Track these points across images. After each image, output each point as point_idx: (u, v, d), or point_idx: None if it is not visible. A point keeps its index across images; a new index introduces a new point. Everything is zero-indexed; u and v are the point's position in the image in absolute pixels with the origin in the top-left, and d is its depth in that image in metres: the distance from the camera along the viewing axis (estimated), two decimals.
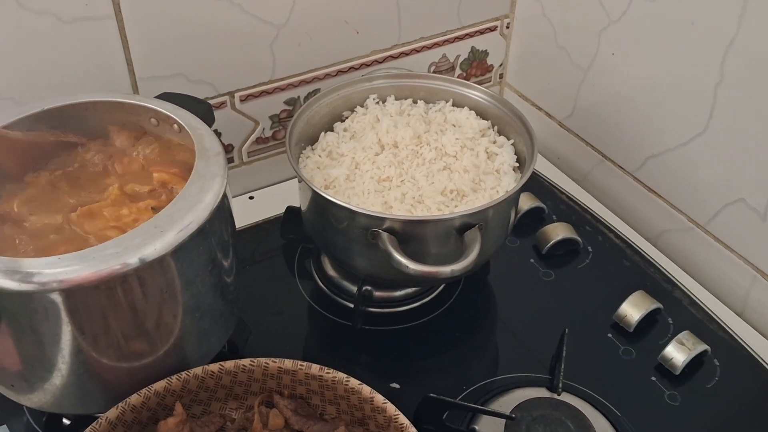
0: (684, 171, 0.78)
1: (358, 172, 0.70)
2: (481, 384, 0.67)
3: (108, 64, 0.71)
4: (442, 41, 0.89)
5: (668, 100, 0.77)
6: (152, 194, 0.59)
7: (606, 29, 0.81)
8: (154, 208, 0.57)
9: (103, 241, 0.52)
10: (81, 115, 0.61)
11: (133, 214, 0.56)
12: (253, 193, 0.87)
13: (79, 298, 0.49)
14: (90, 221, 0.56)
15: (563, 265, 0.78)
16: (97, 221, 0.56)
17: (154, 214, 0.55)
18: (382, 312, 0.73)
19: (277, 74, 0.81)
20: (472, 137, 0.73)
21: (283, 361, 0.56)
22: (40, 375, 0.53)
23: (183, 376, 0.55)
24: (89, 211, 0.56)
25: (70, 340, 0.51)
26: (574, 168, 0.92)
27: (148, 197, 0.58)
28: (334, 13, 0.80)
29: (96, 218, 0.56)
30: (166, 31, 0.72)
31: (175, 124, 0.60)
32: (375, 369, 0.70)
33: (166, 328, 0.55)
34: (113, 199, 0.57)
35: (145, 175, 0.60)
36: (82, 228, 0.55)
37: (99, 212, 0.56)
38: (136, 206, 0.57)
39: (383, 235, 0.62)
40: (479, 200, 0.67)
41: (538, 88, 0.95)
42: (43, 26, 0.66)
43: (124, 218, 0.56)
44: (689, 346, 0.67)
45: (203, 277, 0.55)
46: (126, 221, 0.56)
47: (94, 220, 0.56)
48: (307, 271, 0.78)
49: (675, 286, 0.76)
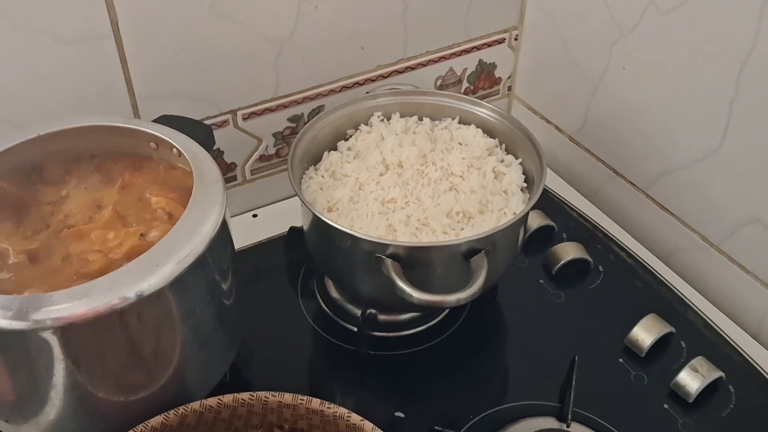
0: (697, 189, 0.76)
1: (361, 194, 0.68)
2: (488, 413, 0.65)
3: (107, 84, 0.70)
4: (448, 54, 0.88)
5: (682, 115, 0.75)
6: (146, 220, 0.57)
7: (617, 42, 0.79)
8: (142, 234, 0.55)
9: (83, 265, 0.52)
10: (78, 139, 0.60)
11: (119, 238, 0.55)
12: (257, 211, 0.86)
13: (73, 335, 0.48)
14: (76, 242, 0.54)
15: (574, 285, 0.76)
16: (82, 243, 0.54)
17: (141, 240, 0.54)
18: (386, 336, 0.72)
19: (280, 91, 0.79)
20: (479, 156, 0.71)
21: (283, 395, 0.54)
22: (35, 410, 0.52)
23: (180, 410, 0.53)
24: (78, 232, 0.55)
25: (65, 376, 0.50)
26: (584, 183, 0.90)
27: (141, 222, 0.57)
28: (338, 29, 0.78)
29: (82, 240, 0.55)
30: (166, 49, 0.71)
31: (174, 148, 0.59)
32: (379, 395, 0.68)
33: (164, 361, 0.53)
34: (105, 221, 0.56)
35: (142, 203, 0.59)
36: (65, 247, 0.54)
37: (87, 234, 0.55)
38: (125, 231, 0.55)
39: (387, 261, 0.60)
40: (486, 222, 0.66)
41: (548, 101, 0.93)
42: (40, 47, 0.65)
43: (108, 242, 0.54)
44: (703, 373, 0.65)
45: (202, 308, 0.54)
46: (110, 245, 0.54)
47: (80, 241, 0.55)
48: (311, 291, 0.76)
49: (688, 308, 0.74)
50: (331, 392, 0.68)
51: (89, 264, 0.53)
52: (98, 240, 0.54)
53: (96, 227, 0.55)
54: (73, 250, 0.54)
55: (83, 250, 0.54)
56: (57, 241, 0.55)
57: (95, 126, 0.60)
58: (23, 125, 0.65)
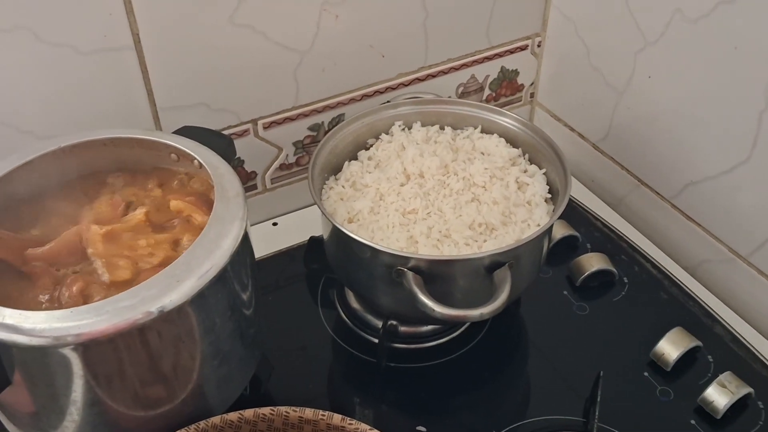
0: (725, 200, 0.74)
1: (382, 204, 0.68)
2: (511, 427, 0.64)
3: (128, 95, 0.70)
4: (470, 62, 0.87)
5: (709, 125, 0.73)
6: (169, 225, 0.57)
7: (642, 51, 0.77)
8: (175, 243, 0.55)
9: (111, 269, 0.52)
10: (99, 151, 0.60)
11: (150, 247, 0.55)
12: (277, 219, 0.86)
13: (94, 352, 0.47)
14: (108, 243, 0.54)
15: (598, 297, 0.75)
16: (112, 245, 0.54)
17: (173, 251, 0.54)
18: (408, 348, 0.71)
19: (300, 100, 0.79)
20: (501, 166, 0.70)
21: (303, 410, 0.54)
22: (55, 425, 0.52)
23: (201, 425, 0.53)
24: (111, 232, 0.54)
25: (85, 392, 0.49)
26: (609, 192, 0.88)
27: (166, 230, 0.57)
28: (359, 38, 0.78)
29: (114, 242, 0.54)
30: (187, 60, 0.70)
31: (195, 160, 0.59)
32: (401, 409, 0.68)
33: (185, 376, 0.53)
34: (135, 223, 0.56)
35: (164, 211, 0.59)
36: (95, 247, 0.54)
37: (119, 235, 0.55)
38: (155, 238, 0.55)
39: (408, 274, 0.59)
40: (509, 235, 0.65)
41: (571, 108, 0.91)
42: (62, 59, 0.65)
43: (139, 249, 0.54)
44: (732, 389, 0.64)
45: (223, 322, 0.53)
46: (141, 253, 0.54)
47: (111, 243, 0.54)
48: (331, 301, 0.76)
49: (715, 321, 0.72)
50: (352, 404, 0.68)
51: (118, 270, 0.53)
52: (127, 245, 0.54)
53: (127, 228, 0.55)
54: (103, 250, 0.53)
55: (112, 253, 0.53)
56: (91, 237, 0.54)
57: (116, 138, 0.60)
58: (45, 137, 0.66)
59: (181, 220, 0.57)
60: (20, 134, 0.67)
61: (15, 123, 0.66)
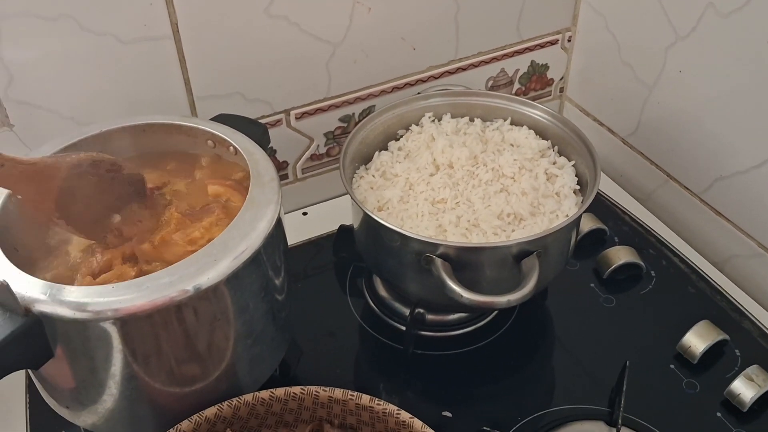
0: (755, 195, 0.74)
1: (412, 194, 0.69)
2: (536, 415, 0.64)
3: (166, 84, 0.72)
4: (500, 56, 0.87)
5: (739, 120, 0.73)
6: (206, 210, 0.59)
7: (673, 46, 0.77)
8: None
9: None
10: (138, 136, 0.62)
11: (206, 235, 0.56)
12: (307, 209, 0.87)
13: (132, 327, 0.49)
14: (167, 249, 0.56)
15: (625, 290, 0.76)
16: (173, 248, 0.56)
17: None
18: (434, 336, 0.72)
19: (332, 92, 0.80)
20: (531, 158, 0.71)
21: (333, 390, 0.55)
22: (94, 398, 0.53)
23: (234, 402, 0.55)
24: (162, 239, 0.56)
25: (123, 366, 0.51)
26: (637, 187, 0.89)
27: (203, 214, 0.58)
28: (390, 31, 0.79)
29: (170, 245, 0.56)
30: (224, 50, 0.72)
31: (231, 146, 0.60)
32: (427, 395, 0.69)
33: (219, 354, 0.54)
34: (176, 223, 0.57)
35: (197, 193, 0.60)
36: (161, 258, 0.55)
37: (170, 239, 0.56)
38: (201, 225, 0.57)
39: (437, 261, 0.60)
40: (538, 225, 0.65)
41: (601, 103, 0.92)
42: (104, 47, 0.67)
43: (199, 241, 0.55)
44: (759, 382, 0.64)
45: (256, 303, 0.55)
46: (201, 243, 0.55)
47: (169, 247, 0.56)
48: (359, 290, 0.77)
49: (743, 316, 0.72)
50: (378, 390, 0.69)
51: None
52: (184, 241, 0.55)
53: (172, 230, 0.56)
54: (169, 255, 0.55)
55: (178, 254, 0.55)
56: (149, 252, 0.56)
57: (155, 124, 0.62)
58: (86, 123, 0.68)
59: (219, 204, 0.59)
60: (62, 120, 0.69)
61: (57, 109, 0.69)
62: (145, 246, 0.55)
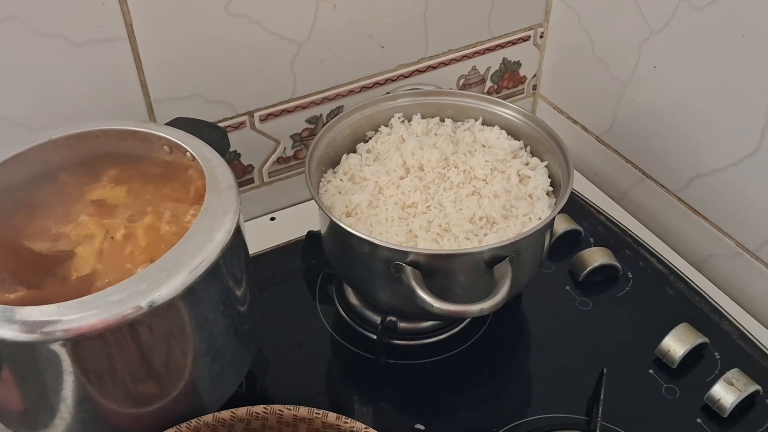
0: (733, 192, 0.73)
1: (381, 198, 0.66)
2: (511, 426, 0.63)
3: (122, 87, 0.69)
4: (471, 53, 0.85)
5: (716, 116, 0.71)
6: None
7: (647, 40, 0.76)
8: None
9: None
10: (91, 143, 0.59)
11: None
12: (275, 214, 0.85)
13: (84, 347, 0.46)
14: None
15: (601, 292, 0.74)
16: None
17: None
18: (407, 344, 0.70)
19: (298, 92, 0.77)
20: (503, 159, 0.69)
21: (298, 409, 0.53)
22: (44, 422, 0.51)
23: (193, 423, 0.52)
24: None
25: (75, 388, 0.48)
26: (612, 186, 0.87)
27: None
28: (357, 28, 0.76)
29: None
30: (181, 51, 0.69)
31: (188, 152, 0.57)
32: (400, 406, 0.66)
33: (177, 373, 0.52)
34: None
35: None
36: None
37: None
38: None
39: (407, 269, 0.58)
40: (510, 228, 0.63)
41: (574, 100, 0.90)
42: (55, 50, 0.64)
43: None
44: (739, 387, 0.63)
45: (216, 318, 0.52)
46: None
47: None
48: (329, 297, 0.75)
49: (723, 317, 0.71)
50: (350, 402, 0.67)
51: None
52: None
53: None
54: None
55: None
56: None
57: (108, 130, 0.59)
58: (38, 129, 0.65)
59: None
60: (13, 126, 0.66)
61: (7, 115, 0.65)
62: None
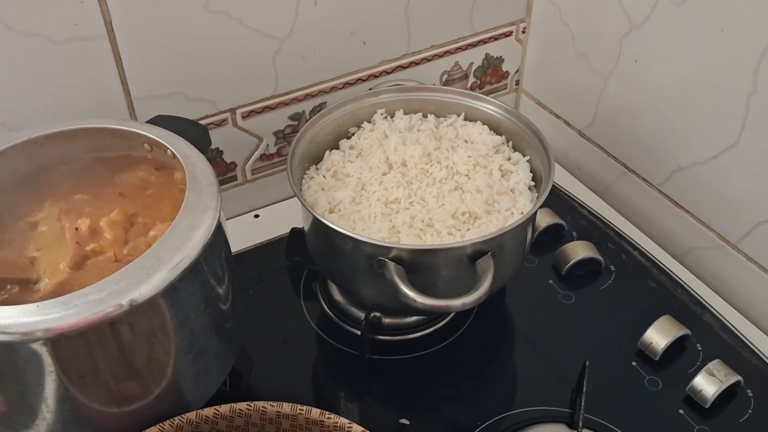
0: (714, 185, 0.73)
1: (364, 194, 0.66)
2: (496, 419, 0.63)
3: (102, 85, 0.68)
4: (454, 49, 0.85)
5: (696, 110, 0.72)
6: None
7: (628, 35, 0.76)
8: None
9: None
10: (71, 142, 0.59)
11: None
12: (259, 211, 0.84)
13: (64, 347, 0.46)
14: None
15: (584, 286, 0.74)
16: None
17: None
18: (391, 340, 0.70)
19: (280, 89, 0.77)
20: (485, 154, 0.69)
21: (281, 405, 0.53)
22: (25, 423, 0.50)
23: (176, 421, 0.52)
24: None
25: (55, 388, 0.48)
26: (595, 180, 0.87)
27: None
28: (339, 24, 0.76)
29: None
30: (162, 48, 0.69)
31: (168, 150, 0.57)
32: (384, 401, 0.66)
33: (159, 371, 0.51)
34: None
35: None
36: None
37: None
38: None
39: (390, 264, 0.58)
40: (493, 223, 0.63)
41: (557, 95, 0.90)
42: (34, 48, 0.63)
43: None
44: (720, 377, 0.63)
45: (197, 316, 0.52)
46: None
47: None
48: (314, 294, 0.75)
49: (704, 309, 0.71)
50: (335, 398, 0.67)
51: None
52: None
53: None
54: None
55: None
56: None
57: (88, 128, 0.58)
58: (18, 128, 0.64)
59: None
60: None
61: None
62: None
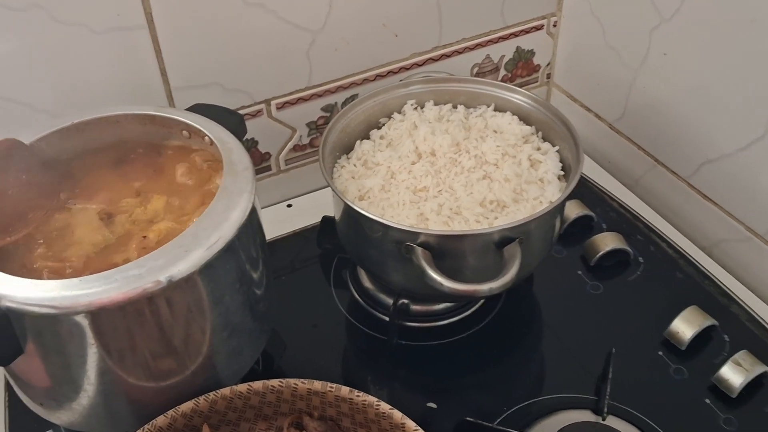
0: (742, 177, 0.73)
1: (393, 182, 0.68)
2: (522, 405, 0.64)
3: (142, 75, 0.70)
4: (485, 42, 0.86)
5: (725, 102, 0.72)
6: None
7: (657, 28, 0.76)
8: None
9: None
10: (111, 128, 0.61)
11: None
12: (291, 201, 0.86)
13: (105, 320, 0.48)
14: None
15: (612, 277, 0.75)
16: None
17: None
18: (420, 326, 0.71)
19: (313, 80, 0.79)
20: (514, 144, 0.70)
21: (312, 383, 0.54)
22: (68, 395, 0.53)
23: (211, 396, 0.54)
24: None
25: (96, 361, 0.50)
26: (625, 173, 0.87)
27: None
28: (371, 17, 0.78)
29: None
30: (200, 40, 0.71)
31: (206, 136, 0.59)
32: (412, 386, 0.68)
33: (194, 347, 0.53)
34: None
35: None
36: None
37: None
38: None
39: (417, 250, 0.59)
40: (521, 212, 0.64)
41: (587, 88, 0.90)
42: (76, 38, 0.66)
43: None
44: (747, 367, 0.63)
45: (231, 295, 0.54)
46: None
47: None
48: (344, 281, 0.76)
49: (732, 300, 0.71)
50: (364, 382, 0.68)
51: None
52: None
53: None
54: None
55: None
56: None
57: (128, 114, 0.61)
58: (60, 115, 0.67)
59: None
60: (35, 113, 0.68)
61: (30, 102, 0.67)
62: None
